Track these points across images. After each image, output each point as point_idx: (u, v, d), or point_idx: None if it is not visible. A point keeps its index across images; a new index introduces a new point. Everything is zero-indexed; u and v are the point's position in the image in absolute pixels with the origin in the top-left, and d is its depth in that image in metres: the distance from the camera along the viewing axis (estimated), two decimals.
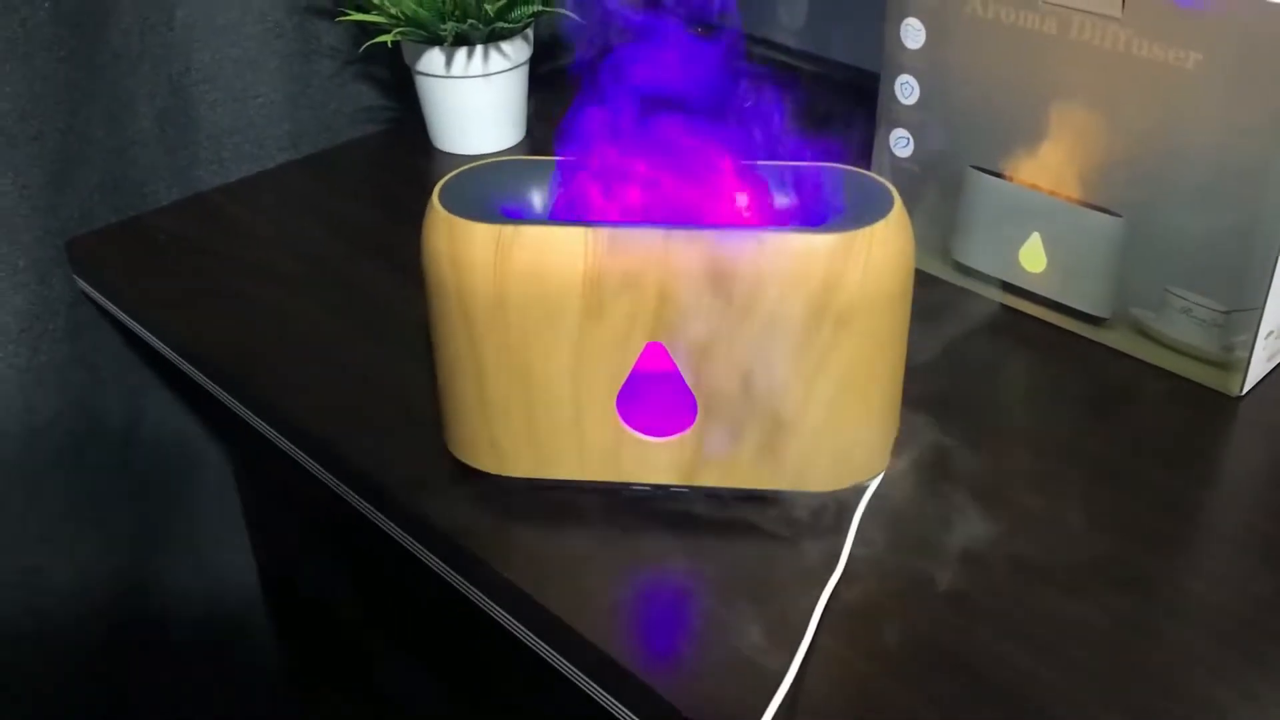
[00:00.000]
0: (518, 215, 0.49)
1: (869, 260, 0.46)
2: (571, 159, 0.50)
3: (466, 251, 0.47)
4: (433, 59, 0.77)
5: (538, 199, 0.50)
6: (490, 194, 0.50)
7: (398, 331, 0.64)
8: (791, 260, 0.45)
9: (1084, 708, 0.43)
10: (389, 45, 0.76)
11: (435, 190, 0.49)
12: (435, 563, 0.53)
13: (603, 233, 0.46)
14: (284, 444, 0.61)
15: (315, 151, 0.85)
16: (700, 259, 0.46)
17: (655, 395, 0.49)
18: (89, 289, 0.74)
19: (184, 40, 0.78)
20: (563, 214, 0.49)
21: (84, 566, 0.82)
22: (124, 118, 0.76)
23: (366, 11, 0.76)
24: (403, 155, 0.84)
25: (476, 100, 0.79)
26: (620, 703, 0.46)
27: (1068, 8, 0.56)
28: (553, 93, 0.87)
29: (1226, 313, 0.56)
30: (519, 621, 0.49)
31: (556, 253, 0.46)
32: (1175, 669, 0.44)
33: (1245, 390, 0.57)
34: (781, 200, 0.49)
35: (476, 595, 0.51)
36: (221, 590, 0.93)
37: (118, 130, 0.76)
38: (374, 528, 0.58)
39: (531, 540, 0.50)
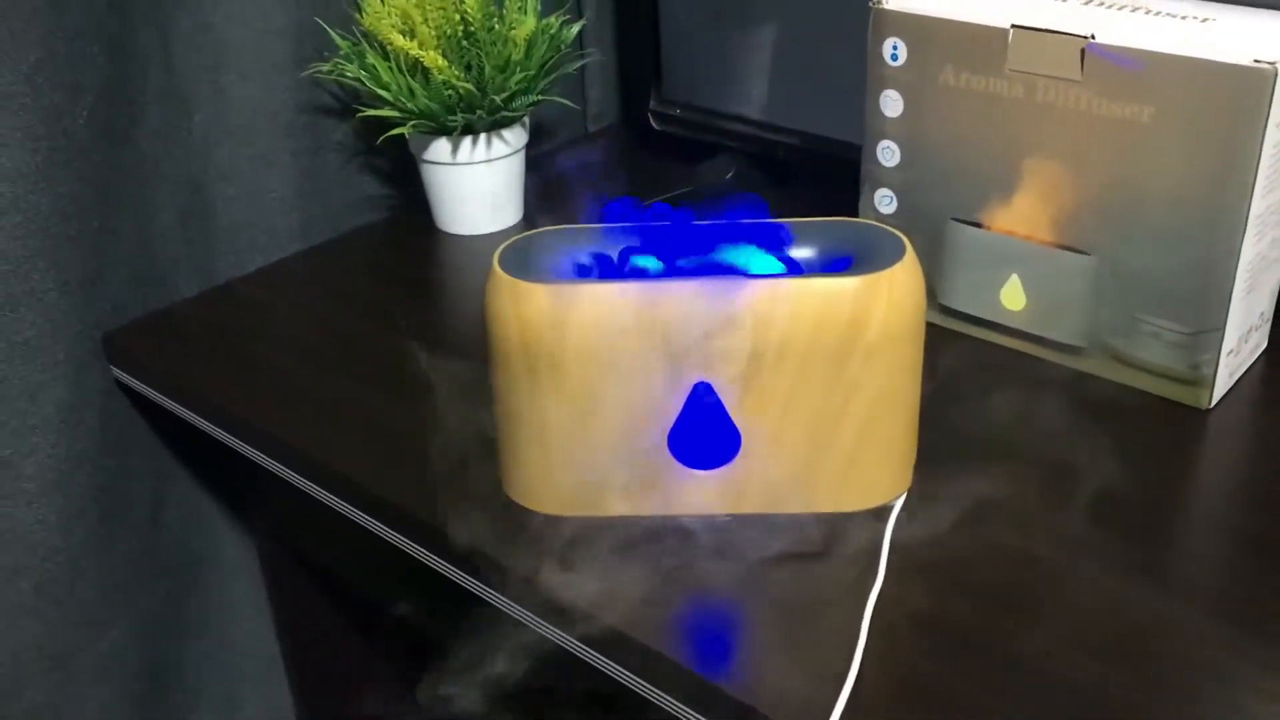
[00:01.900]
0: (570, 276, 0.55)
1: (890, 298, 0.52)
2: (612, 226, 0.56)
3: (530, 310, 0.52)
4: (439, 148, 0.83)
5: (584, 260, 0.56)
6: (543, 258, 0.55)
7: (429, 394, 0.68)
8: (823, 302, 0.51)
9: (1110, 675, 0.48)
10: (406, 137, 0.81)
11: (495, 258, 0.55)
12: (500, 600, 0.57)
13: (652, 287, 0.52)
14: (332, 501, 0.65)
15: (324, 240, 0.90)
16: (740, 306, 0.51)
17: (702, 431, 0.54)
18: (127, 378, 0.77)
19: (202, 142, 0.83)
20: (611, 273, 0.55)
21: (115, 651, 0.84)
22: (150, 216, 0.80)
23: (378, 108, 0.81)
24: (408, 238, 0.89)
25: (480, 184, 0.85)
26: (702, 714, 0.50)
27: (1032, 74, 0.63)
28: (545, 174, 0.93)
29: (1192, 335, 0.63)
30: (596, 651, 0.53)
31: (611, 307, 0.52)
32: (1184, 642, 0.50)
33: (1214, 403, 0.64)
34: (805, 252, 0.55)
35: (547, 629, 0.55)
36: (243, 668, 0.96)
37: (144, 227, 0.80)
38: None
39: (599, 574, 0.55)
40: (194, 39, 0.80)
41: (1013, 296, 0.69)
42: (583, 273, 0.56)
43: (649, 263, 0.54)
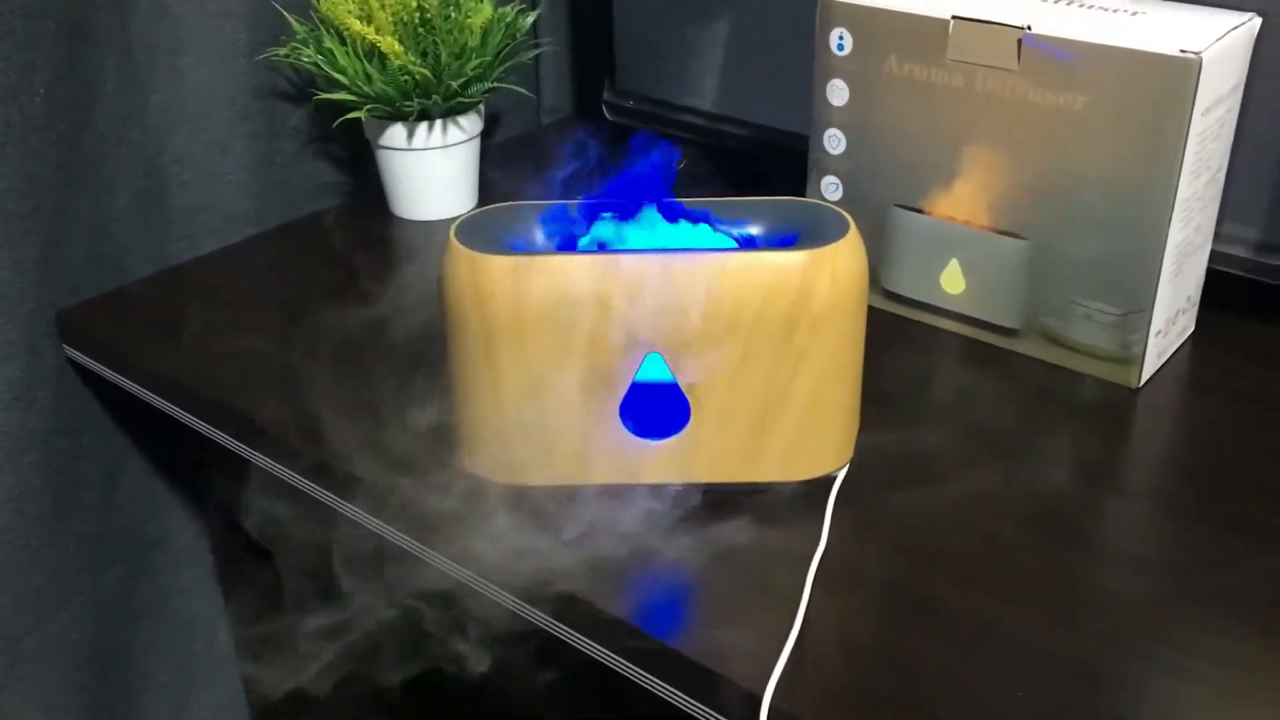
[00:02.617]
0: (525, 249, 0.56)
1: (834, 272, 0.54)
2: (568, 201, 0.58)
3: (487, 282, 0.54)
4: (395, 133, 0.84)
5: (539, 235, 0.58)
6: (498, 233, 0.57)
7: (383, 371, 0.69)
8: (772, 275, 0.53)
9: (1039, 629, 0.51)
10: (361, 120, 0.82)
11: (451, 232, 0.56)
12: (449, 565, 0.58)
13: (607, 259, 0.54)
14: (287, 475, 0.66)
15: (279, 224, 0.90)
16: (691, 278, 0.53)
17: (653, 401, 0.56)
18: (81, 357, 0.78)
19: (159, 124, 0.83)
20: (567, 247, 0.56)
21: (66, 633, 0.84)
22: (105, 197, 0.81)
23: (334, 93, 0.82)
24: (363, 223, 0.90)
25: (435, 170, 0.86)
26: (651, 673, 0.52)
27: (971, 63, 0.66)
28: (499, 163, 0.95)
29: (1122, 315, 0.65)
30: (548, 615, 0.55)
31: (567, 279, 0.53)
32: (1109, 598, 0.53)
33: (1143, 382, 0.67)
34: (754, 228, 0.57)
35: (501, 595, 0.57)
36: (194, 652, 0.96)
37: (99, 209, 0.80)
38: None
39: (551, 541, 0.56)
40: (151, 21, 0.81)
41: (953, 280, 0.71)
42: (537, 246, 0.57)
43: (607, 232, 0.56)
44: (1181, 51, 0.59)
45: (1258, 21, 0.63)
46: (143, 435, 0.87)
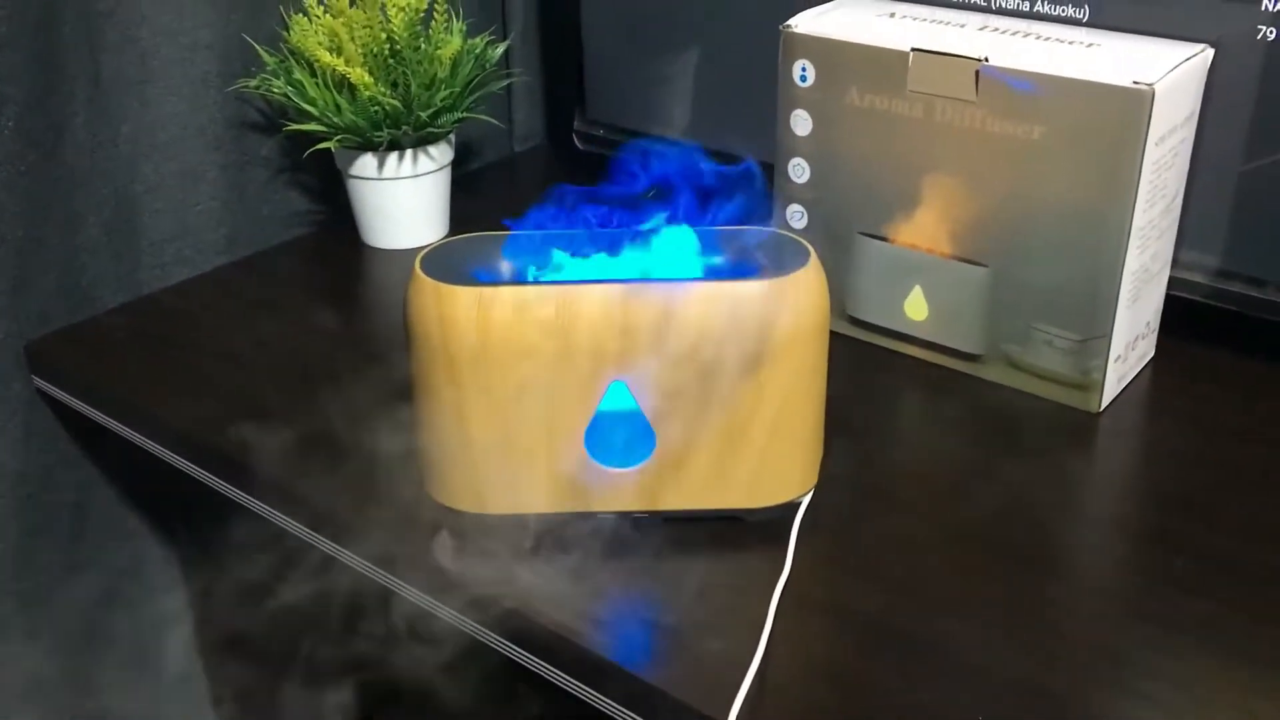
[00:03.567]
0: (490, 279, 0.57)
1: (796, 302, 0.55)
2: (532, 231, 0.58)
3: (451, 312, 0.54)
4: (365, 163, 0.85)
5: (505, 266, 0.58)
6: (464, 263, 0.57)
7: (352, 399, 0.70)
8: (733, 304, 0.54)
9: (1000, 654, 0.51)
10: (332, 150, 0.83)
11: (416, 262, 0.57)
12: (418, 596, 0.59)
13: (571, 289, 0.54)
14: (256, 507, 0.66)
15: (250, 254, 0.91)
16: (654, 308, 0.54)
17: (618, 430, 0.57)
18: (50, 388, 0.78)
19: (129, 154, 0.83)
20: (532, 276, 0.57)
21: (34, 665, 0.84)
22: (75, 227, 0.81)
23: (304, 124, 0.83)
24: (334, 252, 0.90)
25: (405, 200, 0.87)
26: (613, 699, 0.52)
27: (930, 94, 0.67)
28: (472, 191, 0.96)
29: (1082, 341, 0.66)
30: (517, 646, 0.55)
31: (531, 309, 0.54)
32: (1070, 623, 0.54)
33: (1103, 407, 0.68)
34: (716, 258, 0.58)
35: (464, 623, 0.57)
36: (165, 684, 0.96)
37: (69, 239, 0.81)
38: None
39: (518, 569, 0.57)
40: (122, 52, 0.81)
41: (916, 307, 0.72)
42: (503, 276, 0.58)
43: (572, 261, 0.57)
44: (1135, 83, 0.60)
45: (1210, 53, 0.65)
46: (113, 464, 0.87)
